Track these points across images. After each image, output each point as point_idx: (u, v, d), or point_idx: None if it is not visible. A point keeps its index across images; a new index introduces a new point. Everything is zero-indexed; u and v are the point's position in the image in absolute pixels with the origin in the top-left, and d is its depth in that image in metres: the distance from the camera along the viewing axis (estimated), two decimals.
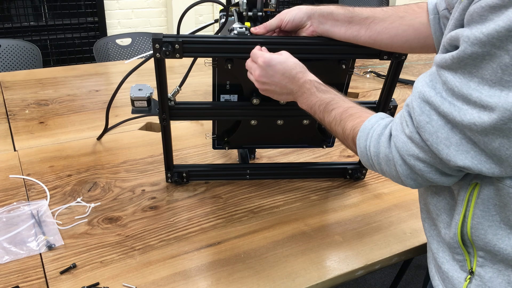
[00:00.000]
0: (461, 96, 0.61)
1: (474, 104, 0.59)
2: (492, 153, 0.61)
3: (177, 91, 1.11)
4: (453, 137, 0.63)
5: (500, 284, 0.73)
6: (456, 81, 0.61)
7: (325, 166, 1.28)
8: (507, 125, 0.57)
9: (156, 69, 1.01)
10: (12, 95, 1.78)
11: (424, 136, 0.65)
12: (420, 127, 0.65)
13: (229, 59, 1.02)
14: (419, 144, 0.67)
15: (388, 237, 1.04)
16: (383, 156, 0.73)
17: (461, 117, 0.61)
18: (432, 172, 0.68)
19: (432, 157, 0.67)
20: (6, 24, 3.51)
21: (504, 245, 0.70)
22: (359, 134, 0.78)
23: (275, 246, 1.00)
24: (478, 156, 0.62)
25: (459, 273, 0.77)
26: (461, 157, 0.63)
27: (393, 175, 0.74)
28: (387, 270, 2.16)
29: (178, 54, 0.98)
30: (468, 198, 0.72)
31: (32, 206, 1.09)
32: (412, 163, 0.69)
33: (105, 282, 0.89)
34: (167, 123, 1.10)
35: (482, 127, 0.59)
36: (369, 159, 0.77)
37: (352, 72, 1.10)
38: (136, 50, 2.67)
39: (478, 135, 0.60)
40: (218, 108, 1.12)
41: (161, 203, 1.14)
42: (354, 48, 1.01)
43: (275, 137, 1.22)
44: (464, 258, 0.76)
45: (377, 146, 0.75)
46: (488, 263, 0.74)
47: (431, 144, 0.65)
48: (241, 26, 1.03)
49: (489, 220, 0.71)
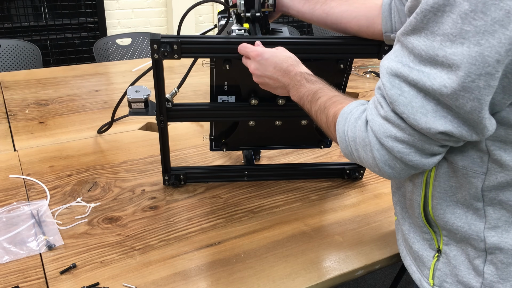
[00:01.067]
0: (428, 60, 0.60)
1: (442, 65, 0.59)
2: (466, 117, 0.60)
3: (175, 93, 1.11)
4: (428, 104, 0.62)
5: (462, 262, 0.76)
6: (421, 45, 0.61)
7: (323, 167, 1.28)
8: (475, 83, 0.57)
9: (154, 71, 1.01)
10: (12, 95, 1.78)
11: (399, 109, 0.64)
12: (394, 101, 0.64)
13: (227, 60, 1.02)
14: (395, 123, 0.66)
15: (388, 237, 1.04)
16: (360, 141, 0.72)
17: (431, 82, 0.60)
18: (411, 153, 0.67)
19: (410, 134, 0.65)
20: (6, 24, 3.51)
21: (462, 223, 0.74)
22: (338, 119, 0.77)
23: (275, 246, 1.00)
24: (455, 120, 0.61)
25: (428, 252, 0.81)
26: (440, 122, 0.62)
27: (370, 163, 0.72)
28: (387, 270, 2.16)
29: (177, 54, 0.98)
30: (426, 180, 0.75)
31: (32, 206, 1.09)
32: (390, 145, 0.67)
33: (105, 282, 0.89)
34: (164, 124, 1.10)
35: (452, 88, 0.58)
36: (347, 145, 0.75)
37: (350, 72, 1.10)
38: (136, 50, 2.67)
39: (449, 100, 0.60)
40: (216, 109, 1.12)
41: (161, 203, 1.14)
42: (352, 47, 1.02)
43: (273, 138, 1.22)
44: (431, 237, 0.80)
45: (354, 131, 0.73)
46: (453, 242, 0.77)
47: (408, 115, 0.63)
48: (239, 28, 1.03)
49: (446, 201, 0.74)
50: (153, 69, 1.01)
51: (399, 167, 0.69)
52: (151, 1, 3.99)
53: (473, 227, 0.73)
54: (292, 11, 1.11)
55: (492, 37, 0.54)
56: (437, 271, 0.80)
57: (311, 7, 1.08)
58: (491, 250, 0.73)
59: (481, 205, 0.71)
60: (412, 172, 0.71)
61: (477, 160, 0.69)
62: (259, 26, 1.08)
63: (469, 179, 0.70)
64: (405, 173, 0.70)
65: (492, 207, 0.71)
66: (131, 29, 3.95)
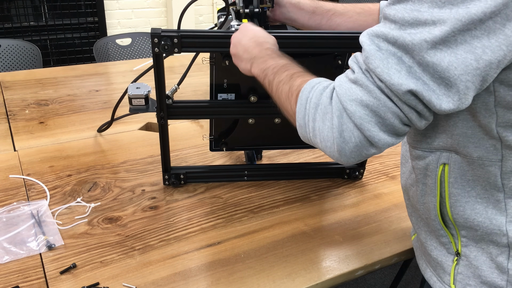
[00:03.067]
0: (411, 22, 0.61)
1: (424, 23, 0.60)
2: (441, 76, 0.60)
3: (175, 90, 1.11)
4: (404, 63, 0.62)
5: (484, 261, 0.76)
6: (406, 9, 0.62)
7: (323, 166, 1.28)
8: (456, 38, 0.58)
9: (154, 65, 1.01)
10: (12, 95, 1.78)
11: (374, 63, 0.64)
12: (370, 55, 0.64)
13: (226, 56, 1.03)
14: (364, 84, 0.65)
15: (388, 237, 1.04)
16: (321, 108, 0.70)
17: (412, 38, 0.61)
18: (371, 122, 0.65)
19: (376, 98, 0.64)
20: (6, 24, 3.51)
21: (483, 219, 0.73)
22: (304, 87, 0.75)
23: (275, 246, 1.00)
24: (428, 82, 0.61)
25: (447, 257, 0.81)
26: (412, 81, 0.61)
27: (324, 134, 0.70)
28: (387, 270, 2.16)
29: (177, 48, 0.98)
30: (440, 179, 0.75)
31: (32, 206, 1.09)
32: (353, 109, 0.66)
33: (105, 282, 0.89)
34: (164, 121, 1.10)
35: (432, 41, 0.59)
36: (306, 114, 0.73)
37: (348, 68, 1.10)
38: (136, 50, 2.67)
39: (427, 56, 0.60)
40: (215, 106, 1.12)
41: (161, 203, 1.14)
42: (350, 41, 1.02)
43: (272, 137, 1.22)
44: (449, 241, 0.80)
45: (319, 97, 0.71)
46: (472, 243, 0.77)
47: (382, 70, 0.63)
48: (238, 23, 1.04)
49: (465, 197, 0.74)
50: (154, 63, 1.01)
51: (354, 141, 0.67)
52: (151, 1, 3.99)
53: (495, 221, 0.73)
54: (297, 24, 1.14)
55: (479, 1, 0.56)
56: (458, 275, 0.79)
57: (317, 22, 1.11)
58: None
59: (502, 196, 0.71)
60: (364, 153, 0.68)
61: (491, 149, 0.69)
62: (257, 21, 1.09)
63: (486, 168, 0.70)
64: (357, 151, 0.68)
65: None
66: (131, 29, 3.95)
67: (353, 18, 1.10)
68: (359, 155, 0.69)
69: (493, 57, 0.58)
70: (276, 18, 1.15)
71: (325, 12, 1.11)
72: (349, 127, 0.67)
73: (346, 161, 0.70)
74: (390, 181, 1.27)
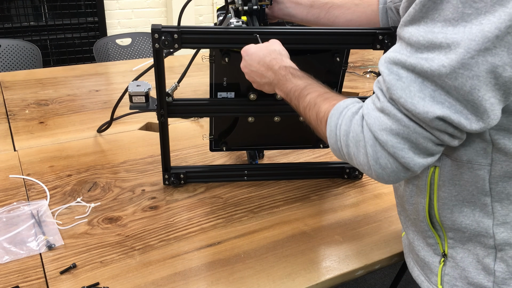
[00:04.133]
0: (425, 45, 0.61)
1: (440, 47, 0.59)
2: (466, 99, 0.60)
3: (176, 87, 1.11)
4: (426, 89, 0.61)
5: (471, 263, 0.76)
6: (420, 32, 0.61)
7: (322, 166, 1.28)
8: (475, 59, 0.57)
9: (154, 61, 1.02)
10: (12, 95, 1.78)
11: (397, 94, 0.63)
12: (391, 85, 0.64)
13: (226, 53, 1.03)
14: (391, 113, 0.65)
15: (388, 237, 1.04)
16: (353, 136, 0.70)
17: (430, 64, 0.60)
18: (405, 149, 0.65)
19: (406, 126, 0.64)
20: (6, 24, 3.51)
21: (470, 221, 0.74)
22: (331, 112, 0.75)
23: (275, 246, 1.00)
24: (454, 105, 0.61)
25: (434, 257, 0.81)
26: (438, 106, 0.61)
27: (360, 160, 0.70)
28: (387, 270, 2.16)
29: (177, 44, 0.99)
30: (430, 182, 0.75)
31: (32, 206, 1.09)
32: (385, 139, 0.65)
33: (105, 282, 0.89)
34: (165, 119, 1.10)
35: (451, 66, 0.58)
36: (337, 140, 0.73)
37: (346, 67, 1.10)
38: (136, 50, 2.67)
39: (448, 80, 0.59)
40: (215, 104, 1.12)
41: (161, 203, 1.14)
42: (347, 37, 1.02)
43: (272, 136, 1.22)
44: (436, 242, 0.80)
45: (349, 125, 0.71)
46: (458, 244, 0.77)
47: (405, 100, 0.62)
48: (237, 20, 1.04)
49: (452, 200, 0.74)
50: (154, 59, 1.01)
51: (390, 167, 0.67)
52: (151, 1, 3.99)
53: (482, 224, 0.73)
54: (296, 19, 1.14)
55: (492, 16, 0.55)
56: (445, 276, 0.79)
57: (316, 16, 1.12)
58: (501, 246, 0.73)
59: (489, 200, 0.71)
60: (402, 176, 0.69)
61: (481, 152, 0.69)
62: (256, 18, 1.10)
63: (475, 172, 0.70)
64: (394, 175, 0.68)
65: (499, 203, 0.71)
66: (131, 29, 3.95)
67: (352, 10, 1.10)
68: (397, 178, 0.69)
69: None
70: (275, 15, 1.16)
71: (323, 5, 1.12)
72: (384, 155, 0.67)
73: (385, 183, 0.71)
74: None
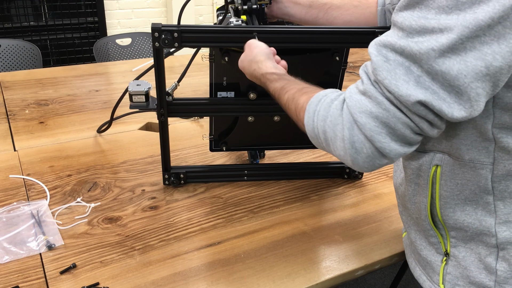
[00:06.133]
0: (417, 30, 0.61)
1: (432, 31, 0.59)
2: (451, 85, 0.59)
3: (176, 87, 1.11)
4: (412, 73, 0.61)
5: (473, 262, 0.76)
6: (414, 17, 0.61)
7: (322, 166, 1.28)
8: (464, 45, 0.57)
9: (154, 60, 1.02)
10: (12, 95, 1.78)
11: (382, 75, 0.63)
12: (378, 66, 0.64)
13: (226, 52, 1.03)
14: (373, 95, 0.65)
15: (388, 237, 1.04)
16: (331, 120, 0.70)
17: (419, 47, 0.60)
18: (382, 133, 0.65)
19: (386, 109, 0.64)
20: (6, 24, 3.51)
21: (472, 220, 0.74)
22: (310, 100, 0.75)
23: (275, 246, 1.00)
24: (438, 91, 0.60)
25: (436, 257, 0.81)
26: (421, 91, 0.61)
27: (337, 145, 0.69)
28: (387, 270, 2.16)
29: (177, 43, 0.99)
30: (431, 181, 0.76)
31: (32, 206, 1.09)
32: (363, 121, 0.65)
33: (105, 282, 0.89)
34: (165, 118, 1.10)
35: (440, 50, 0.58)
36: (315, 127, 0.73)
37: (346, 67, 1.10)
38: (136, 50, 2.67)
39: (436, 65, 0.59)
40: (215, 103, 1.12)
41: (161, 203, 1.14)
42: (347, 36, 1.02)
43: (272, 136, 1.22)
44: (438, 241, 0.80)
45: (327, 110, 0.71)
46: (461, 243, 0.77)
47: (390, 81, 0.62)
48: (237, 19, 1.05)
49: (454, 199, 0.74)
50: (154, 58, 1.01)
51: (366, 152, 0.66)
52: (151, 1, 3.99)
53: (484, 223, 0.73)
54: (295, 19, 1.14)
55: (486, 6, 0.56)
56: (447, 275, 0.79)
57: (314, 16, 1.12)
58: (503, 245, 0.73)
59: (491, 199, 0.71)
60: (377, 163, 0.68)
61: (483, 151, 0.69)
62: (256, 18, 1.10)
63: (477, 171, 0.70)
64: (370, 161, 0.67)
65: (502, 202, 0.71)
66: (131, 29, 3.95)
67: (350, 11, 1.10)
68: (372, 165, 0.69)
69: (504, 62, 0.57)
70: (274, 14, 1.16)
71: (321, 5, 1.12)
72: (360, 139, 0.66)
73: (360, 170, 0.71)
74: (390, 181, 1.27)
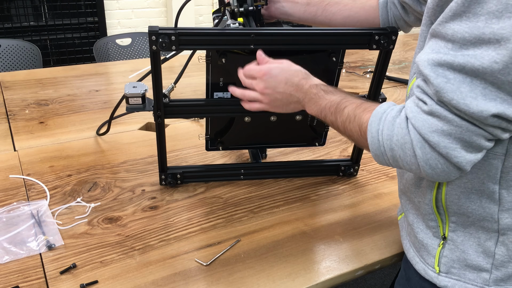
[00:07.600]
0: (471, 42, 0.60)
1: (488, 42, 0.58)
2: None
3: (172, 88, 1.11)
4: (476, 88, 0.61)
5: (471, 246, 0.77)
6: (464, 28, 0.60)
7: (318, 164, 1.28)
8: None
9: (151, 63, 1.02)
10: (12, 95, 1.79)
11: (448, 96, 0.62)
12: (440, 89, 0.63)
13: (222, 54, 1.03)
14: (441, 115, 0.64)
15: (388, 237, 1.04)
16: (398, 139, 0.70)
17: (480, 61, 0.59)
18: (457, 149, 0.65)
19: (458, 126, 0.64)
20: (6, 24, 3.51)
21: (476, 207, 0.75)
22: (371, 119, 0.74)
23: (275, 246, 1.00)
24: (506, 99, 0.60)
25: (433, 240, 0.82)
26: (491, 103, 0.60)
27: (408, 162, 0.70)
28: (387, 270, 2.16)
29: (174, 46, 0.99)
30: None
31: (32, 206, 1.09)
32: (436, 140, 0.65)
33: (105, 282, 0.89)
34: (162, 120, 1.10)
35: (503, 62, 0.57)
36: (380, 145, 0.73)
37: (342, 67, 1.10)
38: (136, 50, 2.67)
39: (501, 76, 0.58)
40: (212, 104, 1.12)
41: (161, 203, 1.14)
42: (344, 37, 1.02)
43: (269, 135, 1.22)
44: (437, 225, 0.81)
45: (392, 129, 0.71)
46: (460, 228, 0.78)
47: (458, 101, 0.62)
48: (234, 22, 1.05)
49: (461, 187, 0.75)
50: (151, 61, 1.01)
51: (441, 167, 0.67)
52: (151, 1, 3.99)
53: (488, 210, 0.74)
54: (293, 18, 1.14)
55: None
56: (443, 258, 0.80)
57: (313, 14, 1.11)
58: (504, 231, 0.74)
59: (497, 188, 0.72)
60: (452, 176, 0.68)
61: (498, 142, 0.69)
62: (253, 20, 1.10)
63: (489, 161, 0.71)
64: (445, 175, 0.68)
65: (507, 190, 0.72)
66: (131, 29, 3.95)
67: (349, 6, 1.09)
68: (447, 178, 0.69)
69: None
70: (272, 15, 1.15)
71: (319, 2, 1.11)
72: (434, 156, 0.67)
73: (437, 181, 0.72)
74: (390, 181, 1.27)
